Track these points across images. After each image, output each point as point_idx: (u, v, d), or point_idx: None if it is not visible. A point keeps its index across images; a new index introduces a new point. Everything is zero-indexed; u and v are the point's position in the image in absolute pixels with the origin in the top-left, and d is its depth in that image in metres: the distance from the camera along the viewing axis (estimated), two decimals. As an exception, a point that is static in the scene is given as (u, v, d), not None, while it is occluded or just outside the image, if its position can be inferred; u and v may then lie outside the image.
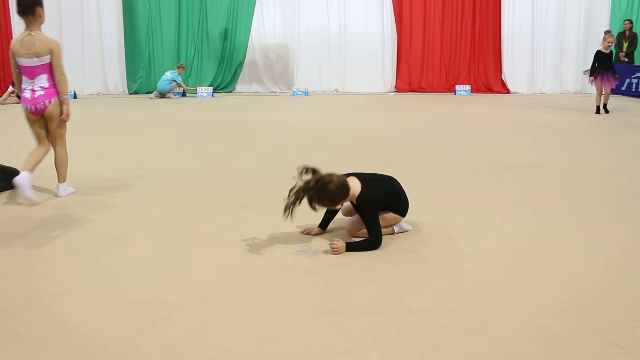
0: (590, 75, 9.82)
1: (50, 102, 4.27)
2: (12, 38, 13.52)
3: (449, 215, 3.76)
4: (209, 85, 14.05)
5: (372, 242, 3.13)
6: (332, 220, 3.45)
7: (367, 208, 3.13)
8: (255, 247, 3.18)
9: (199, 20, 14.31)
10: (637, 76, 12.67)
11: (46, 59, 4.26)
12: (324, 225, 3.41)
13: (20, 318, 2.33)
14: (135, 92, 14.05)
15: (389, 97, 13.56)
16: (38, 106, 4.26)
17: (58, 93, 4.30)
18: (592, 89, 10.35)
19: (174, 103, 12.09)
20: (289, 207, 3.01)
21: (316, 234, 3.36)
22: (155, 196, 4.37)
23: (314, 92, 14.24)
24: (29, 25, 4.29)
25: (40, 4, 4.29)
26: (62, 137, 4.45)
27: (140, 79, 14.04)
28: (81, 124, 8.72)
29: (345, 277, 2.75)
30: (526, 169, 5.17)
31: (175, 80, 12.98)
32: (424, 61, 14.62)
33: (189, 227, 3.56)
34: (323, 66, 14.63)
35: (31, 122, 4.36)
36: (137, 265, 2.91)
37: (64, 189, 4.47)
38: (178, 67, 13.26)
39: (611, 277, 2.74)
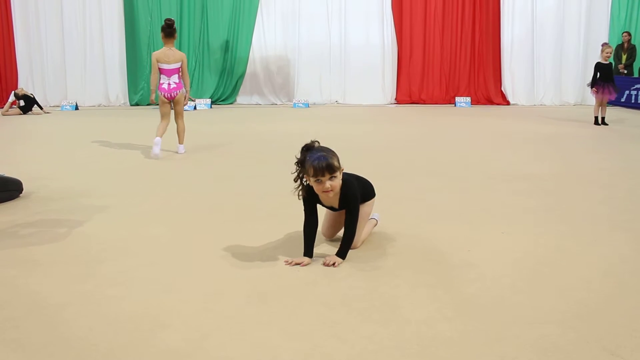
0: (592, 87, 9.88)
1: (179, 92, 6.64)
2: (13, 43, 13.78)
3: (448, 226, 3.77)
4: (210, 97, 14.11)
5: (352, 231, 3.15)
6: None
7: (354, 190, 3.16)
8: (256, 256, 3.19)
9: (200, 32, 14.38)
10: (637, 88, 12.73)
11: (179, 65, 6.62)
12: (309, 252, 3.16)
13: (22, 327, 2.34)
14: (137, 104, 14.11)
15: (389, 108, 13.61)
16: (173, 94, 6.61)
17: (182, 87, 6.68)
18: (592, 101, 10.39)
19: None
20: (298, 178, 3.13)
21: (307, 264, 3.09)
22: (155, 206, 4.39)
23: (314, 104, 14.29)
24: (168, 43, 6.62)
25: (176, 30, 6.80)
26: (182, 114, 6.87)
27: (142, 91, 14.09)
28: (84, 135, 8.75)
29: (344, 286, 2.76)
30: (526, 180, 5.19)
31: None
32: (424, 73, 14.68)
33: (190, 237, 3.58)
34: (324, 78, 14.67)
35: (163, 103, 6.66)
36: (137, 275, 2.92)
37: (182, 148, 6.82)
38: None
39: (611, 286, 2.74)
